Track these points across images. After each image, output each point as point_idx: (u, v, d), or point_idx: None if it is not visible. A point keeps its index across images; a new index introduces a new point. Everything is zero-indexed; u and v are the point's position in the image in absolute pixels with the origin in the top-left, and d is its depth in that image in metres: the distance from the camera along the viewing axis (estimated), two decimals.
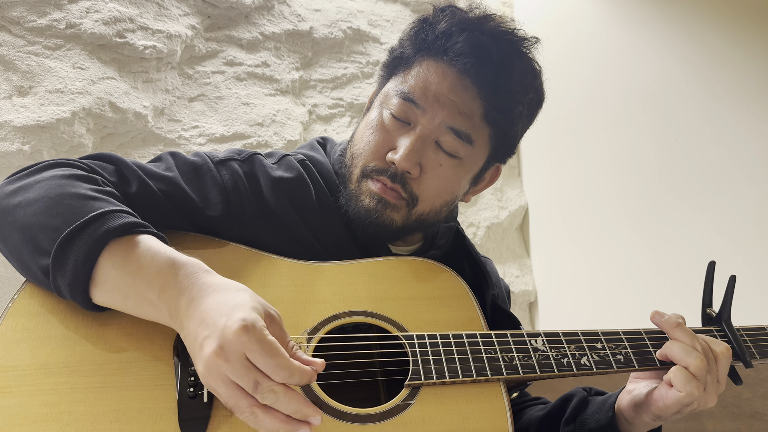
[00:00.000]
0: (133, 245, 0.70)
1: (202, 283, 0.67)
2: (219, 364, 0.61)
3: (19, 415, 0.65)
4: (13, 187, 0.76)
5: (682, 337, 0.84)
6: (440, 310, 0.87)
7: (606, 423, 0.89)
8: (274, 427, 0.62)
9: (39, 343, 0.70)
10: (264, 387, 0.61)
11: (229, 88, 1.99)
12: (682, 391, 0.80)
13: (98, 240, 0.68)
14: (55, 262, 0.68)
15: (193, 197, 0.86)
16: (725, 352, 0.83)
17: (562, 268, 2.24)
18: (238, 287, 0.68)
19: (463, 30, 0.89)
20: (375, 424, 0.73)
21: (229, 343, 0.60)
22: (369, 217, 0.91)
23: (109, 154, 0.87)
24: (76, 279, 0.68)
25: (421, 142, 0.89)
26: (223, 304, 0.64)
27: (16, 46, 1.61)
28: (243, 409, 0.62)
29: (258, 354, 0.61)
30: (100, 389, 0.68)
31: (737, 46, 1.55)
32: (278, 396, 0.62)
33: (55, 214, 0.70)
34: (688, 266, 1.64)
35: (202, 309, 0.65)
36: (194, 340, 0.64)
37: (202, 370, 0.63)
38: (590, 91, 2.08)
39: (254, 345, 0.61)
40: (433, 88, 0.89)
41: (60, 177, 0.76)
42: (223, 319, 0.62)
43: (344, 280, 0.87)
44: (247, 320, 0.61)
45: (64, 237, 0.68)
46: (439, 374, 0.78)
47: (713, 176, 1.59)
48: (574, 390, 0.99)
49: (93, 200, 0.73)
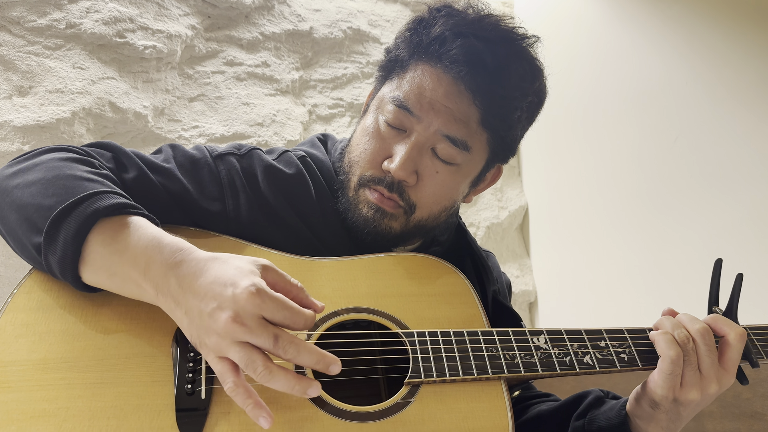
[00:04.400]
0: (122, 225, 0.71)
1: (190, 259, 0.68)
2: (236, 329, 0.62)
3: (17, 410, 0.65)
4: (13, 169, 0.78)
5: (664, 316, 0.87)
6: (441, 307, 0.86)
7: (618, 422, 0.88)
8: (289, 384, 0.64)
9: (38, 339, 0.70)
10: (284, 339, 0.64)
11: (229, 88, 1.99)
12: (662, 354, 0.80)
13: (88, 218, 0.69)
14: (46, 239, 0.69)
15: (189, 189, 0.86)
16: (702, 329, 0.82)
17: (562, 268, 2.23)
18: (224, 257, 0.69)
19: (457, 35, 0.86)
20: (374, 422, 0.73)
21: (244, 308, 0.63)
22: (367, 226, 0.91)
23: (108, 142, 0.88)
24: (65, 256, 0.69)
25: (416, 150, 0.88)
26: (222, 276, 0.66)
27: (16, 46, 1.61)
28: (258, 365, 0.63)
29: (274, 310, 0.64)
30: (98, 385, 0.68)
31: (737, 46, 1.55)
32: (299, 347, 0.64)
33: (50, 194, 0.72)
34: (688, 266, 1.64)
35: (199, 284, 0.66)
36: (200, 314, 0.65)
37: (216, 340, 0.64)
38: (590, 90, 2.08)
39: (268, 304, 0.64)
40: (428, 95, 0.87)
41: (58, 159, 0.78)
42: (229, 289, 0.64)
43: (344, 277, 0.86)
44: (255, 284, 0.64)
45: (55, 215, 0.69)
46: (439, 372, 0.77)
47: (713, 176, 1.58)
48: (590, 389, 0.98)
49: (87, 181, 0.74)
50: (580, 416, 0.94)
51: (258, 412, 0.64)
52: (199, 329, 0.66)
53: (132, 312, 0.74)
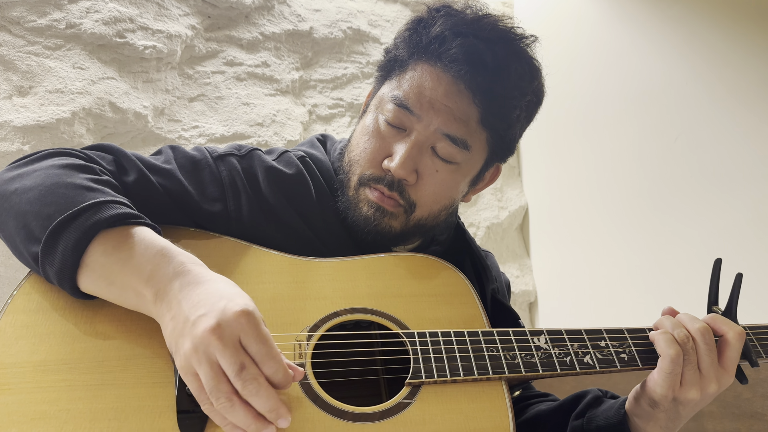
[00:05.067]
0: (126, 236, 0.70)
1: (197, 271, 0.68)
2: (211, 341, 0.61)
3: (17, 412, 0.65)
4: (11, 174, 0.77)
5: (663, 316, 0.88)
6: (442, 307, 0.86)
7: (616, 421, 0.88)
8: (246, 421, 0.62)
9: (38, 340, 0.70)
10: (249, 373, 0.62)
11: (229, 88, 1.99)
12: (662, 353, 0.80)
13: (88, 230, 0.69)
14: (44, 249, 0.69)
15: (190, 190, 0.86)
16: (702, 328, 0.82)
17: (562, 268, 2.24)
18: (232, 284, 0.69)
19: (457, 35, 0.87)
20: (375, 423, 0.73)
21: (228, 322, 0.62)
22: (367, 225, 0.91)
23: (108, 145, 0.87)
24: (63, 268, 0.69)
25: (416, 149, 0.89)
26: (223, 291, 0.66)
27: (16, 46, 1.61)
28: (220, 394, 0.61)
29: (253, 339, 0.62)
30: (99, 386, 0.68)
31: (737, 46, 1.55)
32: (260, 387, 0.62)
33: (48, 202, 0.71)
34: (688, 266, 1.64)
35: (198, 292, 0.66)
36: (185, 319, 0.64)
37: (189, 348, 0.63)
38: (590, 91, 2.08)
39: (251, 330, 0.63)
40: (428, 94, 0.88)
41: (57, 166, 0.77)
42: (223, 301, 0.64)
43: (345, 277, 0.86)
44: (249, 306, 0.64)
45: (54, 226, 0.69)
46: (440, 372, 0.77)
47: (713, 176, 1.59)
48: (589, 389, 0.99)
49: (87, 190, 0.73)
50: (578, 416, 0.94)
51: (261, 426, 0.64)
52: (179, 335, 0.65)
53: (132, 314, 0.73)
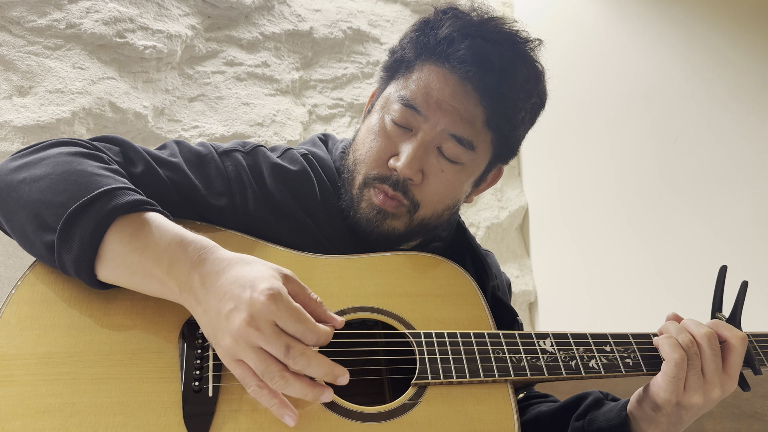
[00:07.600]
0: (141, 222, 0.70)
1: (214, 258, 0.68)
2: (250, 333, 0.63)
3: (21, 404, 0.64)
4: (17, 163, 0.76)
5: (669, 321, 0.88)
6: (448, 307, 0.86)
7: (617, 423, 0.89)
8: (303, 391, 0.65)
9: (43, 332, 0.69)
10: (296, 351, 0.64)
11: (229, 88, 1.98)
12: (666, 357, 0.81)
13: (105, 216, 0.68)
14: (60, 238, 0.68)
15: (197, 184, 0.86)
16: (707, 333, 0.83)
17: (562, 268, 2.24)
18: (248, 259, 0.70)
19: (465, 36, 0.88)
20: (381, 423, 0.73)
21: (259, 312, 0.63)
22: (370, 226, 0.91)
23: (114, 137, 0.87)
24: (82, 255, 0.68)
25: (423, 148, 0.89)
26: (243, 277, 0.66)
27: (16, 46, 1.60)
28: (274, 374, 0.64)
29: (288, 320, 0.64)
30: (104, 380, 0.67)
31: (737, 46, 1.55)
32: (309, 359, 0.65)
33: (61, 190, 0.70)
34: (688, 266, 1.64)
35: (220, 284, 0.66)
36: (217, 314, 0.65)
37: (230, 342, 0.64)
38: (590, 91, 2.09)
39: (283, 312, 0.64)
40: (435, 95, 0.88)
41: (66, 154, 0.76)
42: (247, 291, 0.64)
43: (351, 275, 0.86)
44: (273, 289, 0.64)
45: (70, 213, 0.68)
46: (446, 374, 0.77)
47: (713, 176, 1.59)
48: (590, 391, 0.99)
49: (99, 177, 0.72)
50: (579, 417, 0.94)
51: (284, 411, 0.66)
52: (215, 329, 0.66)
53: (138, 307, 0.73)
